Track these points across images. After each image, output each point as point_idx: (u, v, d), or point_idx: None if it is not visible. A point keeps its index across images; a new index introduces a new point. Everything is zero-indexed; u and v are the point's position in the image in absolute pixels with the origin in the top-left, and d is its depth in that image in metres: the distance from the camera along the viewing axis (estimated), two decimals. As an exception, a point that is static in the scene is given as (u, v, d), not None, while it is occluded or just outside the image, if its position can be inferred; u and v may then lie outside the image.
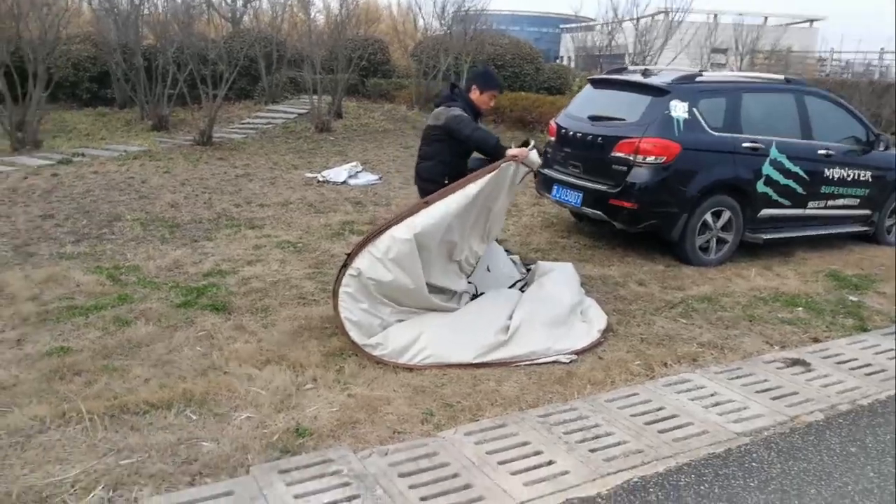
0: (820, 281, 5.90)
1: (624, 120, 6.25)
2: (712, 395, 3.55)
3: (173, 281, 4.99)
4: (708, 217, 6.13)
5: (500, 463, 2.81)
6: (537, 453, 2.90)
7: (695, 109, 6.02)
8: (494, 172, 4.21)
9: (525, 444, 2.98)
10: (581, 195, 6.33)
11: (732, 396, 3.54)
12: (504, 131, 14.26)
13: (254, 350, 3.88)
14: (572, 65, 22.88)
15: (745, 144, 6.13)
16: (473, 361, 3.84)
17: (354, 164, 9.71)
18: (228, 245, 6.02)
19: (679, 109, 5.98)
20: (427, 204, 4.12)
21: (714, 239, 6.25)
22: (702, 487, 2.72)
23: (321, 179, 9.04)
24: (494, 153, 4.35)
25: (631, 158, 5.96)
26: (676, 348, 4.32)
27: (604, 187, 6.13)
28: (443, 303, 4.28)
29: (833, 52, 22.58)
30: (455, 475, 2.71)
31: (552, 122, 7.12)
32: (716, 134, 6.07)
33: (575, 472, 2.76)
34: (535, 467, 2.79)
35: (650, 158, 5.89)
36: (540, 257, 6.16)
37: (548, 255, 6.29)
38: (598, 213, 6.27)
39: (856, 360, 4.13)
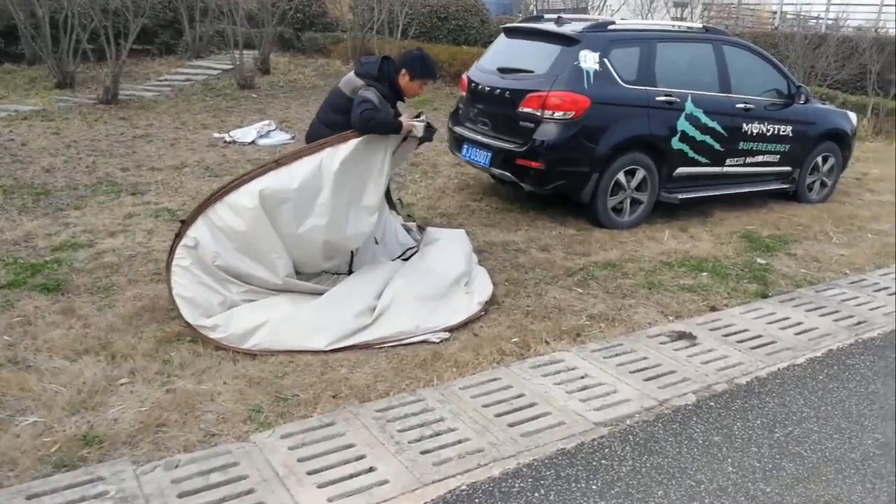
0: (732, 243, 5.62)
1: (533, 72, 5.80)
2: (582, 377, 3.21)
3: (12, 257, 4.44)
4: (621, 176, 5.76)
5: (310, 473, 2.42)
6: (359, 458, 2.52)
7: (606, 60, 5.59)
8: (361, 137, 3.73)
9: (349, 446, 2.59)
10: (490, 155, 5.90)
11: (603, 378, 3.21)
12: (441, 87, 13.68)
13: (74, 337, 3.40)
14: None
15: (659, 98, 5.74)
16: (326, 349, 3.43)
17: (267, 122, 9.09)
18: (97, 214, 5.45)
19: (589, 60, 5.55)
20: (278, 165, 3.63)
21: (628, 200, 5.90)
22: (536, 494, 2.37)
23: (228, 140, 8.41)
24: (394, 132, 3.90)
25: (538, 114, 5.53)
26: (562, 322, 3.98)
27: (511, 146, 5.70)
28: (307, 283, 3.84)
29: (782, 4, 22.24)
30: (250, 491, 2.31)
31: (463, 76, 6.63)
32: (628, 87, 5.67)
33: (395, 482, 2.39)
34: (350, 476, 2.41)
35: (558, 114, 5.47)
36: (445, 223, 5.75)
37: (454, 220, 5.87)
38: (506, 173, 5.85)
39: (746, 331, 3.84)
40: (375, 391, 3.12)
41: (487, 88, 5.99)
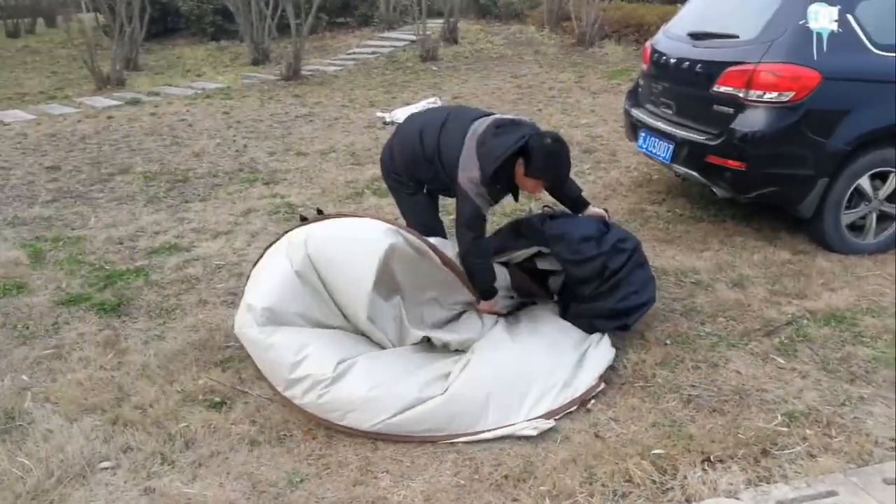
0: None
1: (737, 37, 4.24)
2: (750, 566, 1.90)
3: (105, 260, 4.09)
4: (864, 182, 4.04)
5: None
6: None
7: (850, 17, 3.87)
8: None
9: None
10: (671, 147, 4.48)
11: (792, 576, 1.87)
12: (622, 51, 11.75)
13: (93, 384, 2.83)
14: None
15: (934, 68, 3.89)
16: (369, 431, 2.48)
17: (432, 100, 8.30)
18: (218, 208, 5.02)
19: (823, 17, 3.87)
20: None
21: (874, 214, 4.15)
22: None
23: (388, 120, 7.76)
24: (478, 292, 3.06)
25: (741, 95, 4.00)
26: (742, 422, 2.62)
27: (700, 137, 4.25)
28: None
29: None
30: None
31: (646, 44, 5.21)
32: (883, 54, 3.90)
33: None
34: None
35: (770, 94, 3.91)
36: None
37: (618, 230, 4.57)
38: (692, 173, 4.41)
39: None
40: (417, 532, 2.11)
41: (674, 60, 4.54)
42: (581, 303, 3.11)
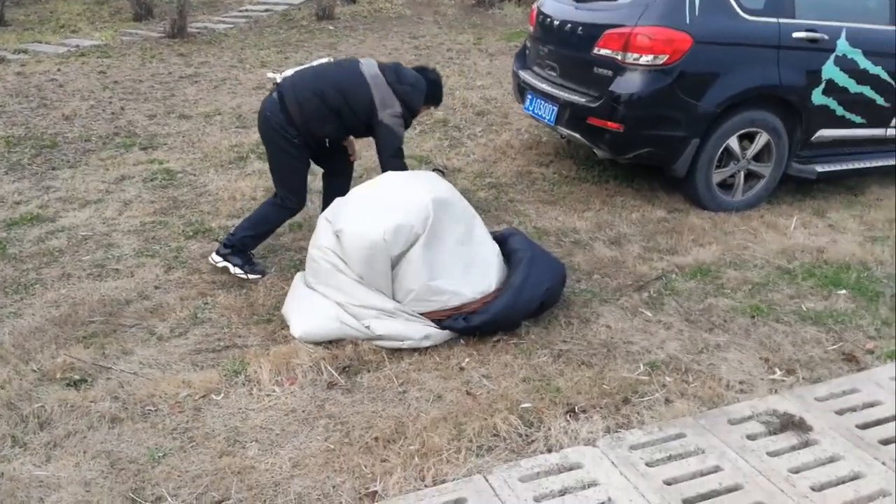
0: (891, 238, 4.02)
1: (615, 0, 4.32)
2: (601, 508, 2.00)
3: (-45, 235, 3.76)
4: (733, 142, 4.26)
5: None
6: None
7: (720, -19, 4.02)
8: None
9: None
10: (555, 109, 4.55)
11: (638, 514, 1.98)
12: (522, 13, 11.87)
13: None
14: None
15: (797, 34, 4.12)
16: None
17: (326, 59, 8.03)
18: (88, 176, 4.70)
19: (695, -19, 4.01)
20: None
21: (742, 173, 4.39)
22: None
23: (278, 81, 7.45)
24: None
25: (618, 58, 4.10)
26: (607, 374, 2.74)
27: (581, 99, 4.33)
28: None
29: None
30: None
31: (533, 6, 5.22)
32: (752, 19, 4.08)
33: None
34: None
35: (646, 58, 4.02)
36: (493, 196, 4.56)
37: (505, 193, 4.64)
38: (575, 134, 4.51)
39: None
40: (284, 497, 2.09)
41: (557, 23, 4.59)
42: None
